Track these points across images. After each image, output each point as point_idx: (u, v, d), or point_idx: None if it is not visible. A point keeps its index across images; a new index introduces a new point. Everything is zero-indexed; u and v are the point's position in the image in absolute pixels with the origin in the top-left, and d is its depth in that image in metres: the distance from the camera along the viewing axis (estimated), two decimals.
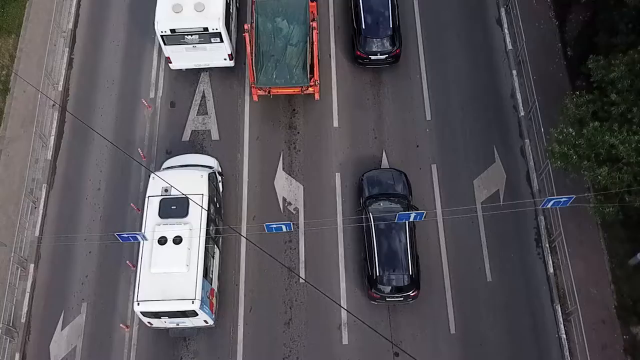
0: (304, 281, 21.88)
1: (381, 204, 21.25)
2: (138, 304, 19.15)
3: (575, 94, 19.55)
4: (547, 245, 22.08)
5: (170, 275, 19.41)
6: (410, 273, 20.37)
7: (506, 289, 21.64)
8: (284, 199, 23.39)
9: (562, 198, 15.74)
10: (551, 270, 21.69)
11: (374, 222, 20.96)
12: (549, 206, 16.15)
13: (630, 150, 17.06)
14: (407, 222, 20.94)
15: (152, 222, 20.12)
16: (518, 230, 22.57)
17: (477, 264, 22.03)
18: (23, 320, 21.72)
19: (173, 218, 20.16)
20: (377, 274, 20.40)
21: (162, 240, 19.73)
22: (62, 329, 21.64)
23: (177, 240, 19.74)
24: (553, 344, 20.81)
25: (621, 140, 17.10)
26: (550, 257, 21.88)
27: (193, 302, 19.07)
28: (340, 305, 21.02)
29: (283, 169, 23.85)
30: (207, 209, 20.35)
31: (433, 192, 23.13)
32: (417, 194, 22.68)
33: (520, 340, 20.88)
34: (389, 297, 20.58)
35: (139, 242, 20.22)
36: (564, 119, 19.67)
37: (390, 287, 20.47)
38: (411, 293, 20.49)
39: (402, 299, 20.66)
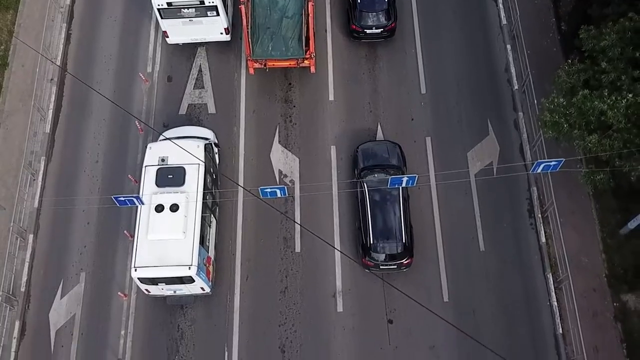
0: (298, 252, 22.27)
1: (375, 175, 21.51)
2: (135, 270, 19.45)
3: (567, 62, 19.77)
4: (540, 215, 22.37)
5: (167, 242, 19.70)
6: (404, 241, 20.66)
7: (499, 258, 21.94)
8: (280, 172, 23.65)
9: (552, 161, 15.98)
10: (543, 239, 21.98)
11: (368, 192, 21.23)
12: (539, 170, 16.39)
13: (619, 116, 17.30)
14: (400, 192, 21.23)
15: (149, 191, 20.40)
16: (511, 201, 22.84)
17: (471, 234, 22.33)
18: (23, 289, 22.03)
19: (170, 187, 20.43)
20: (371, 242, 20.69)
21: (159, 208, 20.02)
22: (61, 298, 21.96)
23: (174, 208, 20.02)
24: (544, 311, 21.13)
25: (610, 105, 17.33)
26: (542, 227, 22.17)
27: (190, 268, 19.37)
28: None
29: (279, 141, 24.09)
30: (203, 178, 20.60)
31: (427, 164, 23.39)
32: (411, 166, 22.95)
33: (512, 308, 21.20)
34: (382, 265, 20.88)
35: (137, 211, 20.53)
36: (555, 88, 19.90)
37: (383, 255, 20.77)
38: (404, 261, 20.79)
39: (395, 266, 20.95)
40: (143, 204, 18.07)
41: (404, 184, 16.67)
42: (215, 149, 22.98)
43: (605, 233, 21.97)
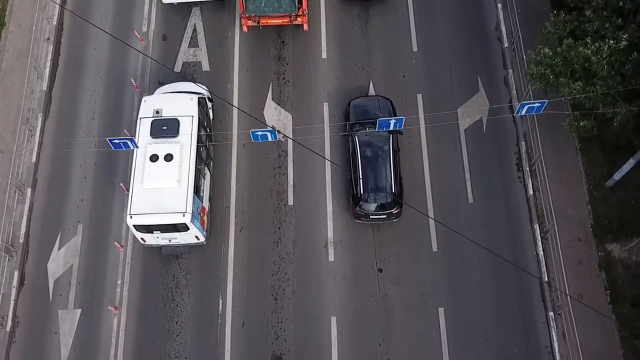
0: (291, 205, 22.74)
1: (367, 129, 21.91)
2: (131, 217, 19.91)
3: (553, 12, 20.11)
4: (528, 169, 22.81)
5: (161, 191, 20.14)
6: (393, 191, 21.12)
7: (487, 210, 22.42)
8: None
9: (535, 103, 16.37)
10: (531, 192, 22.45)
11: (359, 145, 21.65)
12: (523, 112, 16.77)
13: (603, 61, 17.67)
14: (391, 144, 21.67)
15: (144, 142, 20.79)
16: (500, 155, 23.29)
17: (460, 186, 22.79)
18: (21, 241, 22.52)
19: (164, 138, 20.83)
20: (361, 192, 21.16)
21: (154, 158, 20.44)
22: (59, 249, 22.46)
23: (168, 157, 20.44)
24: (531, 260, 21.64)
25: (593, 51, 17.70)
26: (530, 180, 22.63)
27: (184, 215, 19.84)
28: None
29: (272, 99, 24.47)
30: (196, 129, 21.01)
31: (418, 119, 23.77)
32: (403, 116, 23.20)
33: (500, 254, 21.60)
34: (372, 215, 21.35)
35: (133, 161, 20.94)
36: (542, 39, 20.25)
37: (373, 205, 21.22)
38: (394, 211, 21.26)
39: (385, 216, 21.42)
40: (137, 147, 18.48)
41: (391, 127, 17.03)
42: (209, 104, 23.35)
43: (591, 185, 22.43)
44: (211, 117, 23.33)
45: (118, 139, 17.22)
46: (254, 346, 20.80)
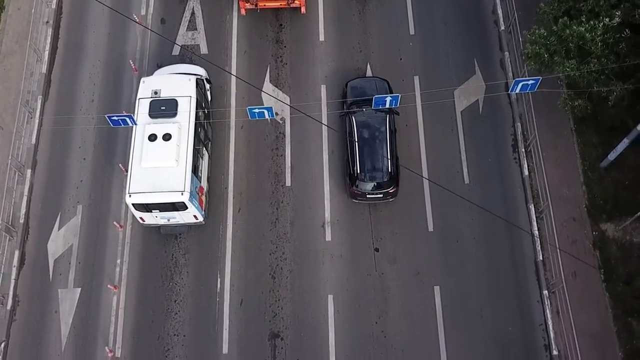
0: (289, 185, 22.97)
1: (364, 109, 22.08)
2: (130, 196, 20.11)
3: None
4: (523, 150, 23.00)
5: (160, 170, 20.33)
6: (390, 170, 21.32)
7: (483, 190, 22.60)
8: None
9: (529, 80, 16.52)
10: (526, 172, 22.65)
11: (356, 125, 21.84)
12: (517, 90, 16.92)
13: (597, 38, 17.83)
14: (387, 124, 21.87)
15: (142, 122, 20.97)
16: (496, 136, 23.47)
17: (456, 167, 22.99)
18: (21, 221, 22.75)
19: (162, 118, 21.02)
20: (358, 172, 21.37)
21: (152, 137, 20.63)
22: (58, 229, 22.67)
23: (167, 137, 20.63)
24: (525, 239, 21.85)
25: (587, 29, 17.86)
26: (525, 161, 22.83)
27: (182, 194, 20.03)
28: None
29: (270, 81, 24.64)
30: (195, 109, 21.19)
31: (415, 101, 23.94)
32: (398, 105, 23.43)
33: (494, 236, 21.92)
34: (369, 194, 21.56)
35: (131, 141, 21.12)
36: (537, 20, 20.41)
37: (370, 184, 21.43)
38: (390, 190, 21.46)
39: (381, 195, 21.62)
40: (136, 124, 18.66)
41: (387, 104, 17.22)
42: (207, 86, 23.51)
43: (586, 166, 22.61)
44: (209, 98, 23.51)
45: (117, 116, 17.41)
46: (252, 324, 21.05)
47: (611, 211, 21.85)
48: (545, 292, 20.98)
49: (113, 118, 17.40)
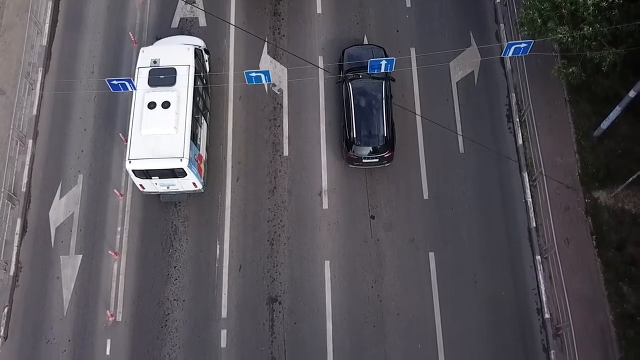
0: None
1: (360, 76, 22.37)
2: (130, 162, 20.45)
3: None
4: (518, 119, 23.31)
5: (159, 137, 20.67)
6: (385, 135, 21.66)
7: (477, 159, 22.93)
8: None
9: (521, 43, 16.79)
10: (520, 141, 22.97)
11: (352, 90, 22.15)
12: (510, 53, 17.18)
13: (589, 5, 18.08)
14: (383, 90, 22.18)
15: (142, 91, 21.29)
16: (490, 107, 23.78)
17: (451, 136, 23.28)
18: (23, 190, 23.10)
19: (162, 86, 21.33)
20: (354, 136, 21.69)
21: (152, 105, 20.95)
22: (60, 198, 23.04)
23: (166, 105, 20.95)
24: (519, 206, 22.21)
25: None
26: (519, 130, 23.14)
27: (181, 160, 20.37)
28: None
29: (268, 52, 24.91)
30: (193, 78, 21.48)
31: (411, 72, 24.23)
32: (395, 74, 23.65)
33: (489, 203, 22.28)
34: (365, 159, 21.90)
35: (131, 109, 21.43)
36: None
37: (366, 149, 21.75)
38: (385, 154, 21.80)
39: (377, 160, 21.96)
40: (135, 89, 18.94)
41: (382, 69, 17.50)
42: (206, 56, 23.79)
43: (579, 135, 22.93)
44: (207, 69, 23.78)
45: (116, 80, 17.69)
46: (251, 289, 21.46)
47: (603, 179, 22.19)
48: (538, 257, 21.35)
49: (113, 82, 17.68)
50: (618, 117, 21.95)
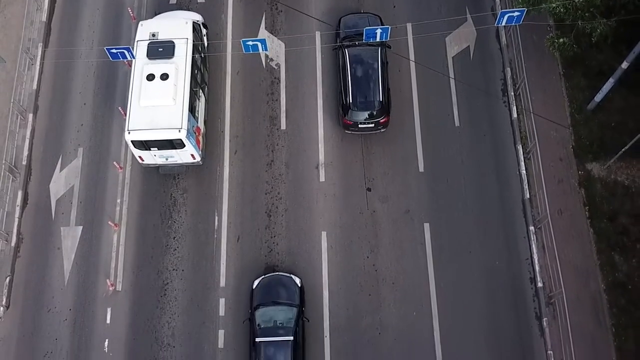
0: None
1: (356, 42, 22.57)
2: (129, 133, 20.74)
3: None
4: (512, 93, 23.56)
5: (158, 108, 20.95)
6: (381, 99, 21.96)
7: (473, 133, 23.22)
8: (267, 56, 24.78)
9: (515, 12, 17.05)
10: (515, 115, 23.23)
11: (348, 56, 22.44)
12: (503, 22, 17.44)
13: None
14: (379, 56, 22.48)
15: (140, 63, 21.57)
16: (486, 81, 24.00)
17: (447, 111, 23.57)
18: (24, 163, 23.41)
19: (160, 59, 21.58)
20: (350, 101, 22.03)
21: (150, 77, 21.22)
22: (60, 171, 23.36)
23: (164, 77, 21.22)
24: (514, 178, 22.50)
25: None
26: (514, 104, 23.39)
27: (180, 131, 20.65)
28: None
29: (265, 28, 25.13)
30: (191, 51, 21.73)
31: (407, 46, 24.46)
32: (391, 43, 23.84)
33: (484, 176, 22.56)
34: (361, 124, 22.20)
35: (130, 82, 21.69)
36: None
37: (362, 114, 22.07)
38: (381, 119, 22.11)
39: (372, 125, 22.26)
40: (134, 57, 19.19)
41: (378, 37, 17.74)
42: (204, 31, 24.01)
43: (573, 109, 23.19)
44: (205, 43, 24.00)
45: (115, 49, 17.94)
46: (249, 258, 21.80)
47: (597, 151, 22.47)
48: (532, 228, 21.67)
49: (112, 51, 17.94)
50: (612, 90, 22.20)
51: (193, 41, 22.12)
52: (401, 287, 21.24)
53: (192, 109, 21.53)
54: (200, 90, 22.75)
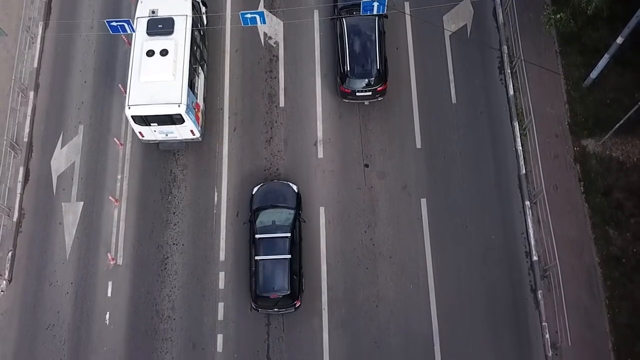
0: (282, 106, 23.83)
1: (354, 13, 22.77)
2: (129, 108, 20.97)
3: None
4: (509, 71, 23.77)
5: (157, 84, 21.16)
6: (378, 68, 22.24)
7: (469, 110, 23.45)
8: (265, 34, 24.96)
9: None
10: (511, 92, 23.45)
11: (346, 26, 22.74)
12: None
13: None
14: (376, 25, 22.72)
15: (140, 40, 21.78)
16: (482, 59, 24.21)
17: (444, 88, 23.78)
18: (25, 140, 23.66)
19: (160, 35, 21.79)
20: (348, 69, 22.31)
21: (150, 53, 21.43)
22: (61, 148, 23.61)
23: (164, 52, 21.43)
24: (510, 154, 22.74)
25: None
26: (510, 81, 23.61)
27: (179, 106, 20.88)
28: None
29: (264, 6, 25.31)
30: (190, 28, 21.93)
31: (405, 25, 24.64)
32: (389, 26, 24.06)
33: (480, 152, 22.81)
34: (358, 92, 22.48)
35: (130, 58, 21.90)
36: None
37: (359, 82, 22.36)
38: (378, 87, 22.42)
39: (370, 93, 22.56)
40: (134, 31, 19.39)
41: (375, 10, 17.96)
42: (203, 9, 24.19)
43: (569, 86, 23.40)
44: (205, 21, 24.18)
45: (116, 21, 18.15)
46: (248, 234, 21.97)
47: (592, 128, 22.70)
48: (527, 203, 21.94)
49: (112, 24, 18.14)
50: (607, 68, 22.41)
51: (192, 18, 22.30)
52: (398, 261, 21.52)
53: (191, 86, 21.76)
54: (200, 68, 22.96)
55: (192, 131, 22.06)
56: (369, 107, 23.53)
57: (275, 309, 20.35)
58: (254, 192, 21.78)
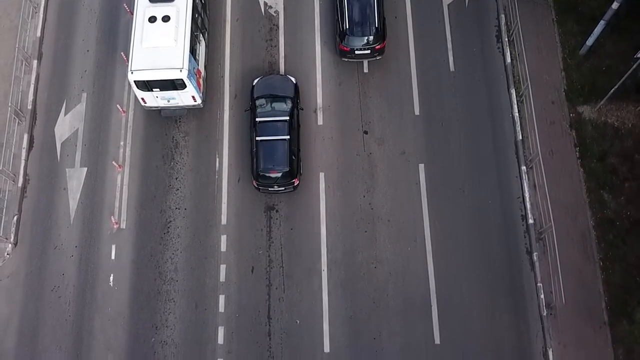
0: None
1: None
2: (132, 73, 21.29)
3: None
4: (506, 39, 24.05)
5: (159, 49, 21.49)
6: (377, 26, 22.60)
7: (467, 77, 23.75)
8: (265, 3, 25.23)
9: None
10: (509, 60, 23.75)
11: None
12: None
13: None
14: None
15: (142, 6, 22.07)
16: (480, 28, 24.48)
17: (442, 56, 24.07)
18: (29, 107, 23.99)
19: (161, 2, 22.08)
20: (347, 27, 22.69)
21: (152, 19, 21.74)
22: (65, 115, 23.95)
23: (166, 18, 21.74)
24: (507, 121, 23.08)
25: None
26: (508, 49, 23.90)
27: (181, 71, 21.21)
28: None
29: None
30: None
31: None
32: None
33: (477, 118, 23.13)
34: (357, 50, 22.88)
35: (133, 24, 22.18)
36: None
37: (358, 39, 22.73)
38: (377, 46, 22.82)
39: (369, 51, 22.91)
40: None
41: None
42: None
43: (565, 54, 23.70)
44: None
45: None
46: (249, 198, 22.46)
47: (588, 95, 23.02)
48: (524, 167, 22.30)
49: None
50: (603, 36, 22.72)
51: None
52: (396, 224, 21.92)
53: (193, 52, 22.06)
54: (201, 35, 23.26)
55: (193, 97, 22.39)
56: (368, 74, 23.85)
57: (276, 187, 21.40)
58: (254, 83, 22.96)
